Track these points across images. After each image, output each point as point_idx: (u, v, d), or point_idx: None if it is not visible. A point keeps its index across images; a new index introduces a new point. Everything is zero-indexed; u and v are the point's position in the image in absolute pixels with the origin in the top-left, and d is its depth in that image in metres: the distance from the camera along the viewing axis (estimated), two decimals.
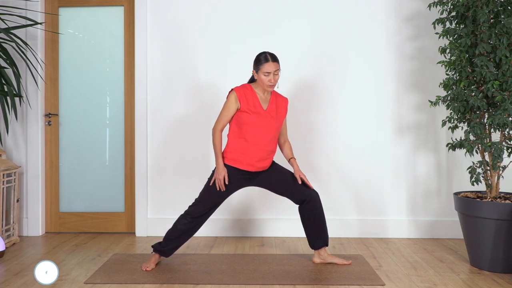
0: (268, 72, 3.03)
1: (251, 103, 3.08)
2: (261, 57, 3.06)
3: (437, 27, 3.92)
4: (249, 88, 3.13)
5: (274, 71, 3.04)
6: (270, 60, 3.04)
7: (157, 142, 4.05)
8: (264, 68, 3.03)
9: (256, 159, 3.10)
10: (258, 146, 3.09)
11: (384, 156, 4.01)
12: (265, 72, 3.03)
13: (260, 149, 3.09)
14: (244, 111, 3.07)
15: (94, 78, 4.16)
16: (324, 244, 3.24)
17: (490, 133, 3.24)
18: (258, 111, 3.08)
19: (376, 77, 4.00)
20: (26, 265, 3.24)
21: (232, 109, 3.09)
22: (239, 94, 3.07)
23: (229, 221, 4.05)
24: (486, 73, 3.09)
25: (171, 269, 3.12)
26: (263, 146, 3.10)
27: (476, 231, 3.14)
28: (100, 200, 4.18)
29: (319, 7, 4.00)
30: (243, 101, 3.07)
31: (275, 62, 3.05)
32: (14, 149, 4.08)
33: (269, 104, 3.15)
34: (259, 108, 3.10)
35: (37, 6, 4.02)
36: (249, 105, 3.07)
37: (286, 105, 3.25)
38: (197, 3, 4.03)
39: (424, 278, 2.99)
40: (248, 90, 3.11)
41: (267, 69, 3.03)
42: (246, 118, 3.07)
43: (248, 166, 3.11)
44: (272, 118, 3.12)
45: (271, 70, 3.03)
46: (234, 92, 3.09)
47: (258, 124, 3.07)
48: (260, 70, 3.05)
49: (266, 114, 3.10)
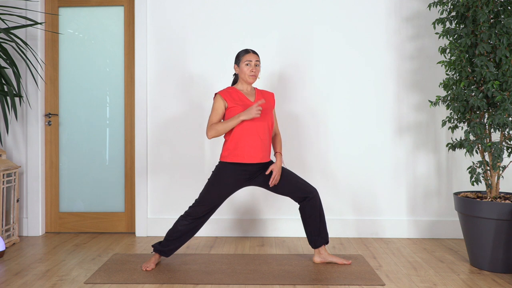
0: (250, 61, 3.14)
1: (237, 98, 3.15)
2: (241, 50, 3.21)
3: (437, 27, 3.92)
4: (231, 88, 3.21)
5: (255, 61, 3.15)
6: (250, 52, 3.17)
7: (157, 142, 4.05)
8: (244, 58, 3.15)
9: (258, 149, 3.11)
10: (254, 135, 3.10)
11: (384, 156, 4.01)
12: (246, 61, 3.14)
13: (257, 138, 3.11)
14: (232, 107, 3.12)
15: (94, 78, 4.17)
16: (325, 242, 3.24)
17: (490, 133, 3.24)
18: (245, 103, 3.14)
19: (376, 77, 4.00)
20: (26, 265, 3.24)
21: (221, 109, 3.13)
22: (223, 94, 3.14)
23: (229, 221, 4.05)
24: (486, 73, 3.09)
25: (171, 269, 3.12)
26: (260, 134, 3.12)
27: (476, 231, 3.14)
28: (100, 200, 4.18)
29: (319, 7, 4.00)
30: (229, 98, 3.14)
31: (255, 54, 3.18)
32: (14, 149, 4.08)
33: (256, 96, 3.22)
34: (246, 100, 3.16)
35: (37, 6, 4.02)
36: (235, 100, 3.14)
37: (272, 97, 3.30)
38: (197, 3, 4.03)
39: (424, 278, 2.99)
40: (231, 90, 3.19)
41: (247, 58, 3.15)
42: (236, 112, 3.10)
43: (251, 158, 3.11)
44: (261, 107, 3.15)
45: (252, 59, 3.15)
46: (219, 94, 3.16)
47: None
48: (241, 61, 3.16)
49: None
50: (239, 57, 3.19)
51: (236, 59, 3.20)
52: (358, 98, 4.01)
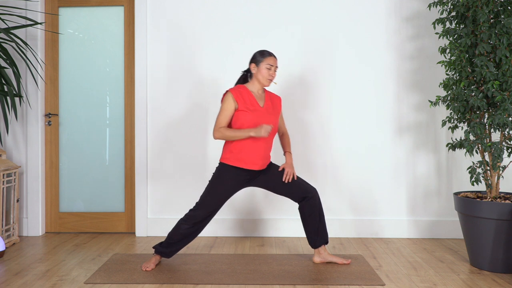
0: (271, 65, 3.11)
1: (248, 101, 3.10)
2: (264, 51, 3.15)
3: (437, 27, 3.93)
4: (243, 88, 3.15)
5: (275, 66, 3.14)
6: (273, 56, 3.15)
7: (157, 142, 4.05)
8: (267, 60, 3.11)
9: (260, 157, 3.11)
10: (259, 143, 3.10)
11: (384, 156, 4.01)
12: (268, 64, 3.11)
13: (262, 146, 3.11)
14: (242, 110, 3.07)
15: (94, 78, 4.17)
16: (324, 242, 3.24)
17: (490, 133, 3.24)
18: (256, 109, 3.10)
19: (376, 77, 4.00)
20: (26, 265, 3.24)
21: (230, 110, 3.09)
22: (235, 94, 3.08)
23: (229, 221, 4.05)
24: (486, 73, 3.09)
25: (171, 269, 3.12)
26: (265, 143, 3.12)
27: (476, 231, 3.14)
28: (100, 200, 4.18)
29: (319, 7, 4.00)
30: (240, 100, 3.08)
31: (276, 59, 3.16)
32: (14, 149, 4.08)
33: (265, 101, 3.19)
34: (256, 105, 3.12)
35: (37, 6, 4.02)
36: (246, 103, 3.09)
37: (280, 102, 3.29)
38: (197, 3, 4.03)
39: (424, 278, 2.99)
40: (242, 90, 3.13)
41: (270, 62, 3.12)
42: (244, 116, 3.07)
43: (252, 164, 3.11)
44: (270, 114, 3.14)
45: (273, 64, 3.12)
46: (230, 93, 3.09)
47: (257, 121, 3.07)
48: (262, 62, 3.11)
49: (263, 111, 3.12)
50: (259, 58, 3.12)
51: (254, 58, 3.14)
52: (358, 98, 4.01)
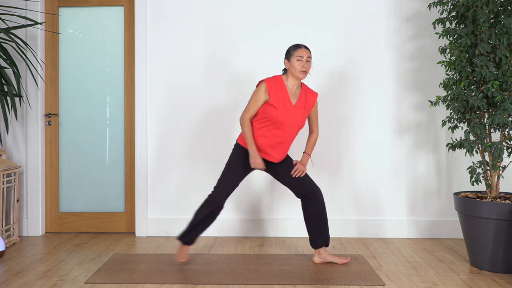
0: (301, 57, 3.07)
1: (280, 96, 3.08)
2: (292, 46, 3.14)
3: (437, 27, 3.93)
4: (279, 80, 3.12)
5: (307, 56, 3.08)
6: (302, 47, 3.10)
7: (157, 142, 4.05)
8: (297, 53, 3.08)
9: (275, 151, 3.15)
10: (278, 139, 3.12)
11: (384, 156, 4.01)
12: (298, 56, 3.07)
13: (280, 142, 3.13)
14: (271, 105, 3.06)
15: (94, 78, 4.17)
16: (325, 244, 3.24)
17: (490, 133, 3.24)
18: (286, 106, 3.08)
19: (376, 77, 4.00)
20: (26, 265, 3.24)
21: (261, 101, 3.09)
22: (269, 86, 3.08)
23: (229, 221, 4.05)
24: (486, 73, 3.09)
25: (171, 269, 3.12)
26: (284, 139, 3.13)
27: (476, 231, 3.14)
28: (100, 200, 4.18)
29: (319, 7, 4.00)
30: (272, 93, 3.07)
31: (306, 49, 3.10)
32: (14, 149, 4.08)
33: (299, 98, 3.14)
34: (288, 102, 3.09)
35: (37, 6, 4.03)
36: (277, 98, 3.07)
37: (315, 99, 3.23)
38: (197, 3, 4.03)
39: (424, 278, 2.99)
40: (278, 83, 3.11)
41: (299, 53, 3.07)
42: (272, 111, 3.07)
43: (265, 155, 3.16)
44: (298, 115, 3.12)
45: (304, 54, 3.07)
46: (264, 83, 3.09)
47: (284, 119, 3.07)
48: (292, 56, 3.09)
49: (293, 109, 3.10)
50: (290, 52, 3.11)
51: (287, 54, 3.13)
52: (358, 98, 4.01)
